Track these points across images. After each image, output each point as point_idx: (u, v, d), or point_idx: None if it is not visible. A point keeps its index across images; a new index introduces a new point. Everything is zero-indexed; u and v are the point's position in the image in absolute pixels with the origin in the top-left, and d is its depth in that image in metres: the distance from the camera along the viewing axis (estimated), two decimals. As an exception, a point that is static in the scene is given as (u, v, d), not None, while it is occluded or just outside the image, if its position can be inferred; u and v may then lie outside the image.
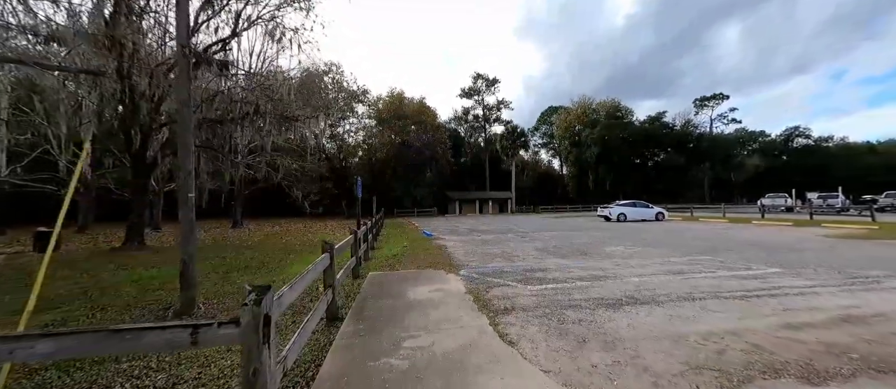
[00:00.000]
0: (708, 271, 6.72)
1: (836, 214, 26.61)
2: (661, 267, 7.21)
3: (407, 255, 9.71)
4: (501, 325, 3.99)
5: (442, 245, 11.91)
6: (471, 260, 8.52)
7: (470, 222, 25.54)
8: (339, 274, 5.21)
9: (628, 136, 54.16)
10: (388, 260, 9.06)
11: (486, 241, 12.61)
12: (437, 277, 6.66)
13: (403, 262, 8.53)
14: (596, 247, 10.35)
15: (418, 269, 7.51)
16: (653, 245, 10.70)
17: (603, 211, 23.56)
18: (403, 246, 12.10)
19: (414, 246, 11.68)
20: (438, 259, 8.85)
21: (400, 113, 44.42)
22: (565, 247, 10.47)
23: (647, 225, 18.65)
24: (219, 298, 5.71)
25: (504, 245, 11.51)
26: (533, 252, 9.71)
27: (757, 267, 6.96)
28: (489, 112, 57.86)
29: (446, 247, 11.14)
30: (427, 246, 11.52)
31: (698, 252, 9.11)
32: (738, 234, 13.34)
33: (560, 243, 11.58)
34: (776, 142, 68.04)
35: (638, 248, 9.99)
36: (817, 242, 10.71)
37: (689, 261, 7.77)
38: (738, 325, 3.86)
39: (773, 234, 13.09)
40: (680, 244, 10.79)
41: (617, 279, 6.18)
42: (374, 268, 7.84)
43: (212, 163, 17.85)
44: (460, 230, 18.07)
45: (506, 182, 50.67)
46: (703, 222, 20.81)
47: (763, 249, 9.38)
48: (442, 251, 10.35)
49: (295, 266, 8.52)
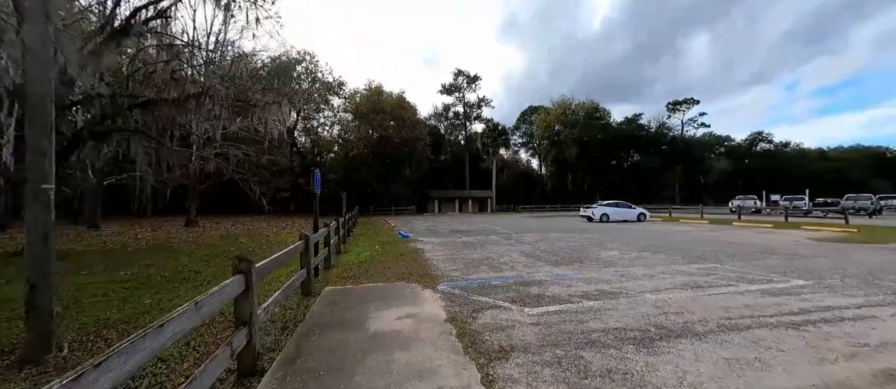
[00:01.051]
0: (728, 284, 5.76)
1: (803, 216, 27.51)
2: (672, 278, 6.20)
3: (377, 261, 8.29)
4: (499, 383, 2.70)
5: (418, 248, 10.55)
6: (451, 269, 7.22)
7: (450, 221, 24.29)
8: (272, 300, 3.76)
9: (606, 137, 54.76)
10: (354, 268, 7.61)
11: (468, 244, 11.38)
12: (409, 294, 5.31)
13: (371, 272, 7.11)
14: (589, 252, 9.34)
15: (387, 283, 6.12)
16: (649, 249, 9.82)
17: (586, 211, 22.97)
18: (374, 249, 10.65)
19: (386, 250, 10.25)
20: (413, 267, 7.49)
21: (378, 107, 42.48)
22: (556, 252, 9.39)
23: (632, 227, 18.09)
24: (103, 330, 4.09)
25: (488, 249, 10.31)
26: (521, 258, 8.54)
27: (779, 279, 6.09)
28: (470, 109, 56.88)
29: (423, 252, 9.80)
30: (401, 250, 10.13)
31: (701, 258, 8.26)
32: (728, 237, 12.82)
33: (549, 247, 10.51)
34: (741, 146, 71.38)
35: (634, 253, 9.06)
36: (814, 247, 10.21)
37: (701, 271, 6.84)
38: (825, 376, 2.77)
39: (762, 237, 12.65)
40: (676, 248, 9.98)
41: (629, 296, 5.07)
42: (334, 280, 6.39)
43: (155, 152, 15.55)
44: (439, 230, 16.76)
45: (486, 181, 49.86)
46: (685, 223, 20.60)
47: (767, 254, 8.68)
48: (418, 256, 9.00)
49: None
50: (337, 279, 6.55)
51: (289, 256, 4.51)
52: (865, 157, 77.27)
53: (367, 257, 9.06)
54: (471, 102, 56.56)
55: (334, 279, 6.56)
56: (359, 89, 44.79)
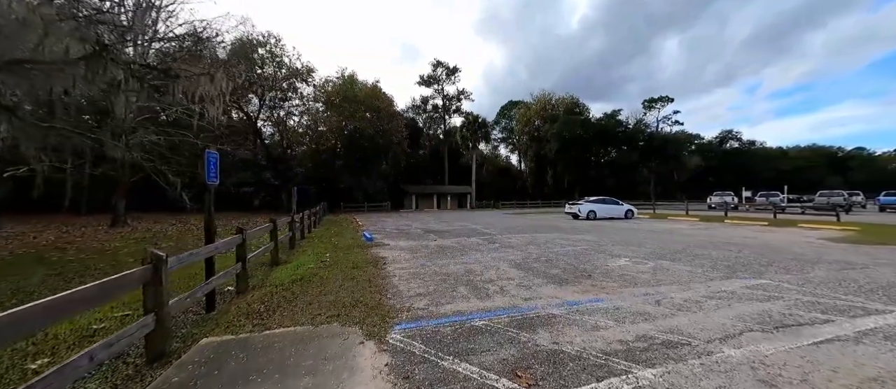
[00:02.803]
0: (813, 317, 3.97)
1: (781, 212, 27.41)
2: (729, 309, 4.36)
3: (318, 278, 6.02)
4: None
5: (381, 256, 8.33)
6: (416, 294, 5.09)
7: (426, 219, 22.11)
8: None
9: (586, 133, 54.21)
10: (279, 291, 5.32)
11: (444, 250, 9.27)
12: (334, 356, 3.11)
13: (300, 299, 4.85)
14: (594, 261, 7.47)
15: (311, 325, 3.89)
16: (663, 255, 8.09)
17: (571, 208, 21.44)
18: (325, 257, 8.35)
19: (339, 259, 7.96)
20: (364, 289, 5.29)
21: (351, 97, 39.40)
22: (554, 261, 7.46)
23: (622, 225, 16.62)
24: None
25: (467, 256, 8.24)
26: (512, 272, 6.53)
27: (874, 305, 4.38)
28: (449, 102, 54.63)
29: (385, 262, 7.60)
30: (358, 259, 7.87)
31: (734, 267, 6.56)
32: (735, 237, 11.42)
33: (543, 253, 8.58)
34: (712, 144, 73.42)
35: (649, 262, 7.26)
36: (845, 251, 8.84)
37: (757, 292, 5.06)
38: None
39: (770, 237, 11.34)
40: (691, 253, 8.31)
41: (697, 350, 3.13)
42: (234, 319, 4.10)
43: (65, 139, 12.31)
44: (412, 231, 14.56)
45: (465, 176, 47.96)
46: (674, 220, 19.46)
47: (805, 263, 7.11)
48: (377, 269, 6.79)
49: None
50: (240, 315, 4.25)
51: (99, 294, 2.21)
52: (820, 156, 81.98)
53: (308, 270, 6.75)
54: (450, 95, 54.32)
55: (236, 315, 4.26)
56: (331, 78, 41.43)
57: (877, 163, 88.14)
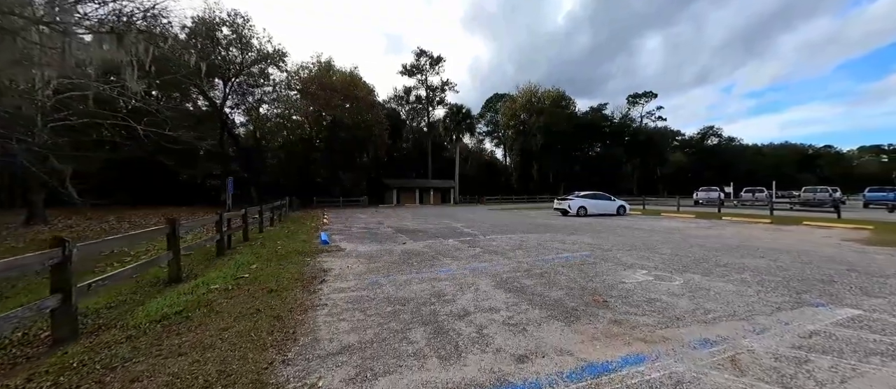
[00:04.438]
0: None
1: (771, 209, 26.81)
2: (865, 379, 2.60)
3: (204, 312, 3.94)
4: None
5: (324, 269, 6.28)
6: (337, 353, 3.11)
7: (403, 216, 20.06)
8: None
9: (572, 127, 53.10)
10: (124, 339, 3.24)
11: (410, 258, 7.29)
12: None
13: (132, 364, 2.80)
14: (604, 275, 5.67)
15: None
16: (684, 265, 6.38)
17: (561, 203, 19.83)
18: (251, 269, 6.26)
19: (263, 273, 5.87)
20: (254, 342, 3.27)
21: (327, 84, 36.46)
22: (552, 276, 5.62)
23: (617, 223, 15.08)
24: None
25: (439, 267, 6.31)
26: (497, 295, 4.63)
27: None
28: (433, 93, 52.26)
29: (325, 278, 5.56)
30: (288, 274, 5.80)
31: (788, 285, 4.89)
32: (751, 239, 9.95)
33: (536, 261, 6.74)
34: (693, 140, 74.03)
35: (677, 278, 5.51)
36: (888, 257, 7.42)
37: (869, 334, 3.34)
38: None
39: (790, 240, 9.93)
40: (716, 261, 6.65)
41: None
42: None
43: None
44: (381, 231, 12.50)
45: (449, 170, 45.97)
46: (669, 217, 18.15)
47: (870, 277, 5.54)
48: (303, 294, 4.75)
49: None
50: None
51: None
52: (792, 153, 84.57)
53: (205, 295, 4.65)
54: (434, 86, 51.95)
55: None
56: (307, 63, 38.23)
57: (843, 160, 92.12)
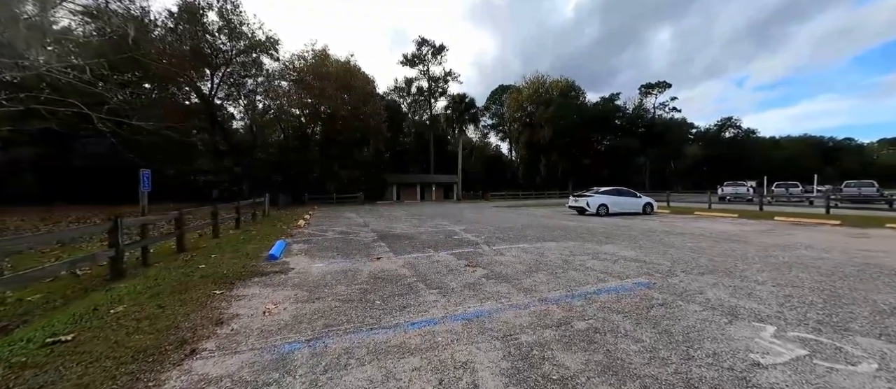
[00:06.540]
0: None
1: (810, 205, 23.98)
2: None
3: None
4: None
5: (221, 317, 3.90)
6: None
7: (396, 215, 17.69)
8: None
9: (582, 118, 50.11)
10: None
11: (376, 287, 4.89)
12: None
13: None
14: (701, 334, 3.21)
15: None
16: (827, 313, 3.89)
17: (577, 201, 17.28)
18: (114, 311, 3.91)
19: (115, 330, 3.52)
20: None
21: (322, 74, 34.03)
22: (614, 341, 3.18)
23: (649, 225, 12.53)
24: None
25: (413, 311, 3.89)
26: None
27: None
28: (435, 84, 49.59)
29: (200, 344, 3.20)
30: (149, 336, 3.45)
31: None
32: (857, 253, 7.40)
33: (572, 300, 4.30)
34: (710, 132, 70.41)
35: (852, 351, 3.06)
36: None
37: None
38: None
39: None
40: (855, 297, 4.18)
41: None
42: None
43: None
44: (360, 237, 10.11)
45: (452, 165, 43.46)
46: (707, 217, 15.48)
47: None
48: None
49: None
50: None
51: None
52: (811, 147, 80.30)
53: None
54: (436, 76, 49.27)
55: None
56: (301, 53, 35.80)
57: (865, 153, 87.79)
